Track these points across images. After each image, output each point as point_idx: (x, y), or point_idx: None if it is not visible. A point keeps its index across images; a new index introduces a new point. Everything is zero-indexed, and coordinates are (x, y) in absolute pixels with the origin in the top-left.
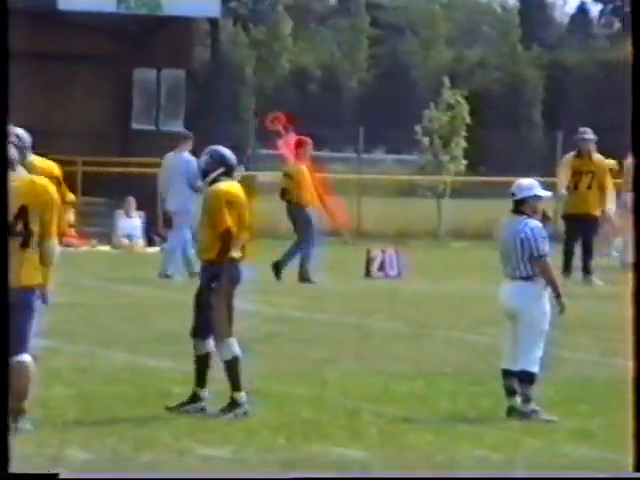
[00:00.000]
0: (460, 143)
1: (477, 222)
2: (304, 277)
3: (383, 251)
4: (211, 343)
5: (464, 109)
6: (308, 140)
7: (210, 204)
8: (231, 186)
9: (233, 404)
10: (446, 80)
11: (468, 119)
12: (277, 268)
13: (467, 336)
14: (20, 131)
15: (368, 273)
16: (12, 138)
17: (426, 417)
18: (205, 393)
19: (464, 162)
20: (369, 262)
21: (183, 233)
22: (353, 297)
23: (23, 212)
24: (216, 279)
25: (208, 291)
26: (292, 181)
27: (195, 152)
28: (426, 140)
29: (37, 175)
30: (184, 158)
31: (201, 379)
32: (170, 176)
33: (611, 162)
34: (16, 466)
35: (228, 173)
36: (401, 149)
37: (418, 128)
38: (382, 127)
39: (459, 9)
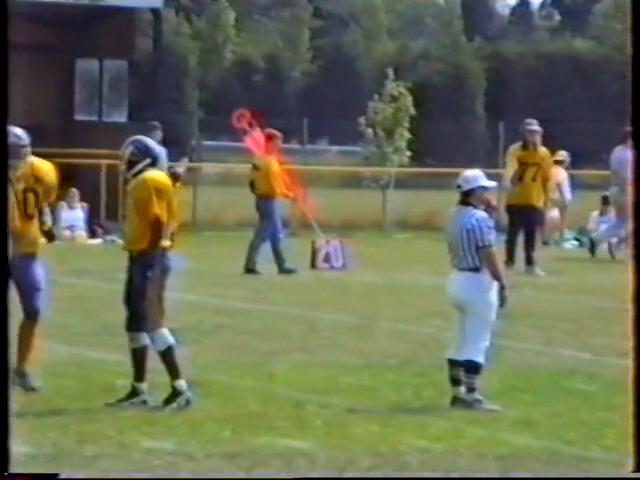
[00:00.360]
0: (404, 134)
1: (421, 213)
2: (282, 267)
3: (328, 242)
4: (145, 335)
5: (408, 101)
6: (277, 134)
7: (139, 193)
8: (159, 175)
9: (175, 393)
10: (390, 72)
11: (412, 110)
12: (250, 270)
13: (412, 328)
14: (19, 130)
15: (313, 265)
16: (11, 137)
17: (371, 408)
18: (144, 386)
19: (408, 153)
20: (314, 253)
21: None
22: (299, 289)
23: None
24: (150, 269)
25: (143, 281)
26: (260, 173)
27: (165, 142)
28: (370, 131)
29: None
30: None
31: (139, 373)
32: None
33: (563, 153)
34: None
35: (153, 164)
36: (345, 140)
37: (362, 119)
38: (326, 118)
39: (402, 0)
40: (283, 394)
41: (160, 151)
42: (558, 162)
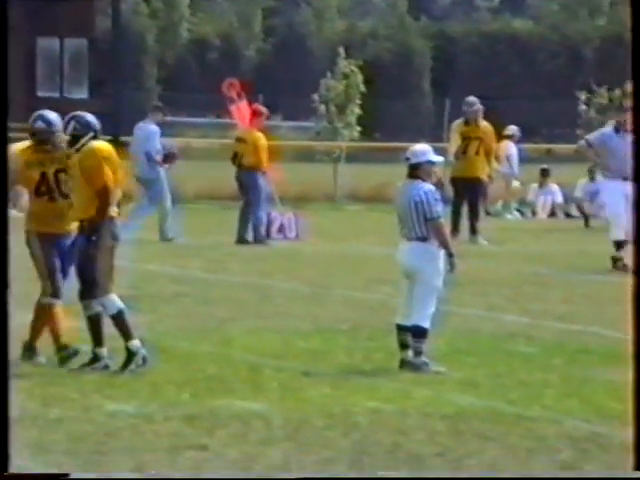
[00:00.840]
0: (355, 110)
1: (371, 186)
2: (260, 239)
3: (282, 214)
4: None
5: (358, 78)
6: (264, 110)
7: (87, 163)
8: (106, 145)
9: (131, 354)
10: (341, 50)
11: (362, 88)
12: (242, 241)
13: (362, 295)
14: (53, 115)
15: (268, 235)
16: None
17: (324, 371)
18: (104, 351)
19: (358, 128)
20: (269, 225)
21: (162, 198)
22: (255, 259)
23: None
24: (100, 236)
25: (93, 249)
26: (247, 146)
27: (160, 124)
28: (322, 108)
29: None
30: (149, 128)
31: (97, 339)
32: (136, 145)
33: (513, 128)
34: None
35: (96, 137)
36: (298, 116)
37: (315, 96)
38: (279, 95)
39: None
40: (240, 358)
41: (153, 131)
42: (507, 137)
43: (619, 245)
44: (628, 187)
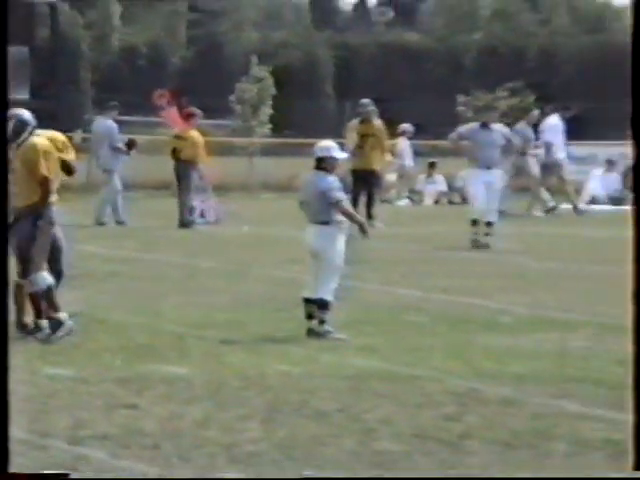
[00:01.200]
0: (267, 110)
1: (283, 177)
2: (185, 223)
3: (203, 201)
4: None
5: (269, 82)
6: (198, 112)
7: (29, 156)
8: (44, 140)
9: (58, 322)
10: (254, 58)
11: (273, 90)
12: (185, 224)
13: (275, 272)
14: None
15: (194, 221)
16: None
17: (240, 339)
18: (45, 322)
19: (270, 126)
20: (195, 210)
21: (114, 186)
22: (181, 240)
23: None
24: (40, 219)
25: (33, 229)
26: (186, 142)
27: (116, 120)
28: (238, 108)
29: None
30: (108, 124)
31: (38, 311)
32: (98, 139)
33: (405, 126)
34: None
35: (33, 132)
36: (216, 115)
37: (232, 97)
38: (200, 97)
39: None
40: (167, 329)
41: (112, 126)
42: (400, 133)
43: (474, 223)
44: (490, 175)
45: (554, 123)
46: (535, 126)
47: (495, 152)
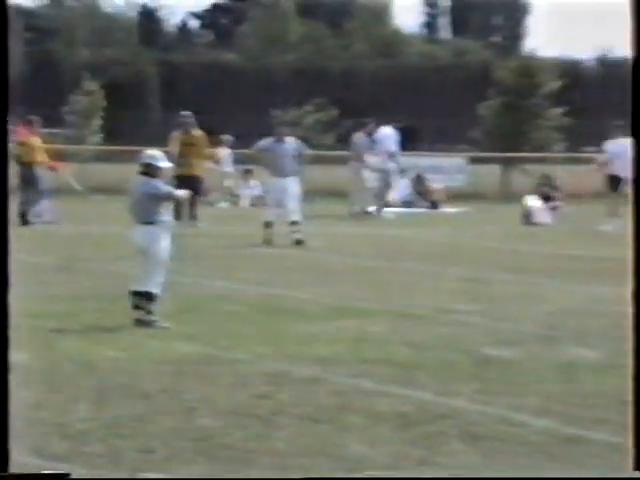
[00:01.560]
0: (97, 121)
1: (112, 180)
2: (26, 219)
3: (40, 202)
4: None
5: (100, 95)
6: (36, 119)
7: None
8: None
9: None
10: (86, 73)
11: (104, 102)
12: (24, 217)
13: (106, 267)
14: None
15: (30, 220)
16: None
17: (73, 328)
18: None
19: (100, 135)
20: (32, 210)
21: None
22: (19, 238)
23: None
24: None
25: None
26: (27, 148)
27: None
28: (71, 117)
29: None
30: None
31: None
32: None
33: (226, 136)
34: None
35: None
36: (51, 125)
37: (65, 108)
38: (36, 108)
39: (96, 17)
40: (14, 321)
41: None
42: (221, 142)
43: (267, 225)
44: (286, 182)
45: (389, 133)
46: (370, 135)
47: (289, 162)
